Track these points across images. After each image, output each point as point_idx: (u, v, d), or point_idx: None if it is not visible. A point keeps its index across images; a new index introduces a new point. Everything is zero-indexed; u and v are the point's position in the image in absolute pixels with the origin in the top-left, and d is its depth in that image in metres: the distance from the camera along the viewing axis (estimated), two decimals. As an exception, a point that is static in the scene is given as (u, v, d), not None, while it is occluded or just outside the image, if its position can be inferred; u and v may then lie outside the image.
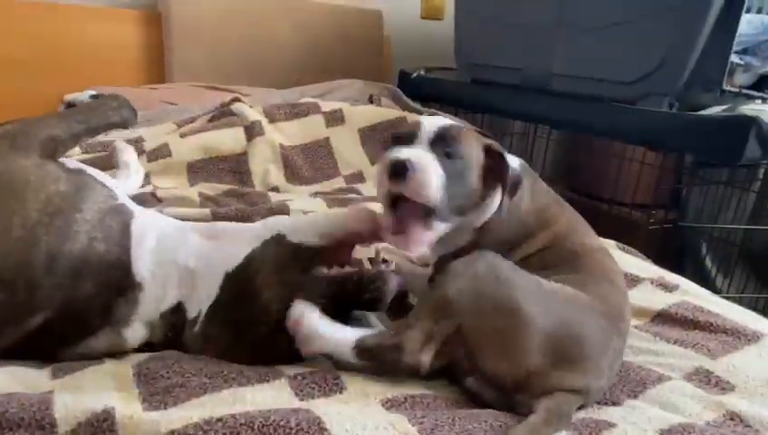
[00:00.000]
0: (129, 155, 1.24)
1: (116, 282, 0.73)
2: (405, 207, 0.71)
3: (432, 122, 0.74)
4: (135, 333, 0.75)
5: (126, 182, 1.17)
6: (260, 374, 0.69)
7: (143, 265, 0.75)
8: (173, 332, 0.75)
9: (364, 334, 0.68)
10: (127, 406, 0.62)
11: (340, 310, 0.73)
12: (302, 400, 0.65)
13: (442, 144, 0.71)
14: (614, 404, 0.70)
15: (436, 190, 0.69)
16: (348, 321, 0.73)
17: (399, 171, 0.68)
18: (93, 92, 1.04)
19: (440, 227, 0.72)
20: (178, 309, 0.75)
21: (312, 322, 0.68)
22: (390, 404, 0.67)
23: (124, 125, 0.96)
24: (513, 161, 0.79)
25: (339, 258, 0.77)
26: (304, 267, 0.73)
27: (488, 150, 0.75)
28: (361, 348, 0.68)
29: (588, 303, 0.69)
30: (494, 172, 0.74)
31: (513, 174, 0.74)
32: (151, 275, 0.75)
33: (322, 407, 0.62)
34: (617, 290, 0.75)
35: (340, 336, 0.68)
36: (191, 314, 0.75)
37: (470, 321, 0.66)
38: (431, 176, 0.68)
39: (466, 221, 0.76)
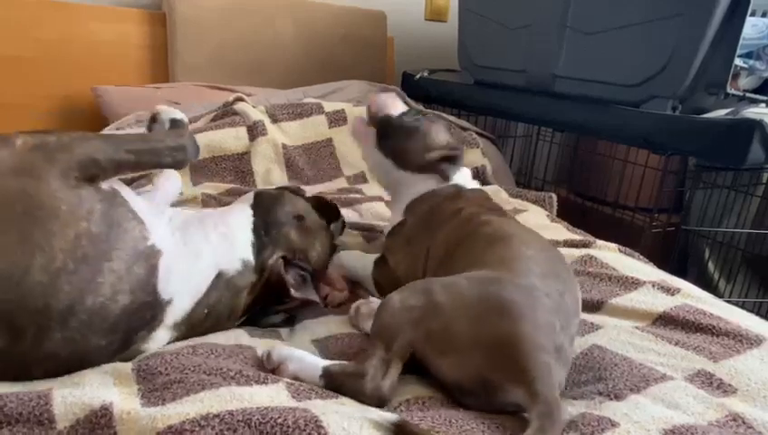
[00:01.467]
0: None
1: (137, 323, 0.72)
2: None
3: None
4: (156, 342, 0.75)
5: (165, 186, 1.13)
6: (259, 376, 0.69)
7: (171, 286, 0.75)
8: (216, 302, 0.80)
9: (331, 363, 0.72)
10: (125, 402, 0.62)
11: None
12: (300, 401, 0.65)
13: (416, 112, 1.09)
14: (617, 397, 0.69)
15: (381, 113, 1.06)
16: None
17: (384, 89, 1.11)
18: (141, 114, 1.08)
19: (371, 137, 1.07)
20: (219, 277, 0.81)
21: (288, 349, 0.75)
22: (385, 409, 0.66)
23: (175, 167, 0.88)
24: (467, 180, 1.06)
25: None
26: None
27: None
28: (328, 374, 0.70)
29: (493, 274, 0.73)
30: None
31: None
32: (182, 285, 0.77)
33: (320, 407, 0.62)
34: (514, 243, 0.81)
35: (310, 360, 0.73)
36: (231, 272, 0.82)
37: (412, 333, 0.69)
38: (390, 103, 1.07)
39: (398, 193, 1.06)
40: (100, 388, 0.65)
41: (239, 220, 0.90)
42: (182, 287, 0.77)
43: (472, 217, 0.92)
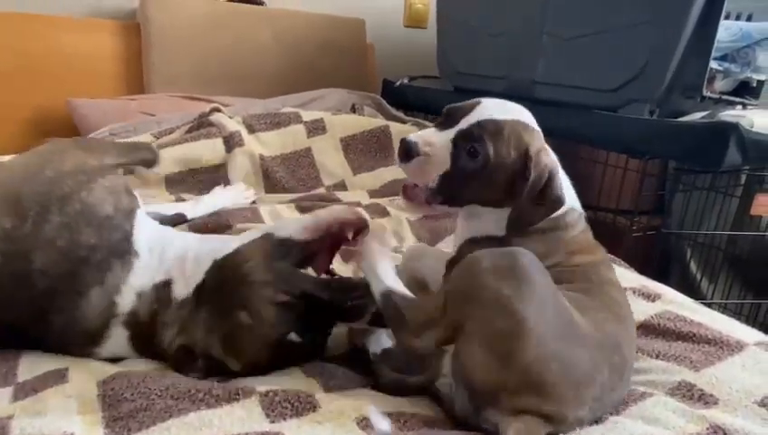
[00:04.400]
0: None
1: (116, 243, 0.79)
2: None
3: (480, 113, 0.75)
4: (125, 300, 0.77)
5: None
6: (229, 393, 0.67)
7: (142, 238, 0.82)
8: (159, 306, 0.78)
9: (398, 289, 0.71)
10: (88, 432, 0.59)
11: (320, 315, 0.76)
12: (273, 422, 0.63)
13: (470, 138, 0.73)
14: (596, 422, 0.68)
15: (431, 180, 0.74)
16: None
17: (406, 152, 0.74)
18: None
19: (440, 208, 0.78)
20: (167, 285, 0.79)
21: (379, 251, 0.74)
22: (366, 423, 0.65)
23: (151, 164, 1.11)
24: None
25: (324, 265, 0.83)
26: (293, 262, 0.78)
27: (526, 156, 0.74)
28: (387, 297, 0.70)
29: (584, 328, 0.65)
30: (526, 180, 0.73)
31: (555, 194, 0.74)
32: (148, 248, 0.81)
33: (294, 429, 0.60)
34: (617, 321, 0.71)
35: (386, 271, 0.72)
36: (178, 294, 0.78)
37: (475, 310, 0.63)
38: (430, 166, 0.74)
39: (486, 212, 0.78)
40: (63, 416, 0.63)
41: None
42: (146, 245, 0.82)
43: (599, 264, 0.77)
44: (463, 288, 0.65)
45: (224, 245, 0.81)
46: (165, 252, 0.82)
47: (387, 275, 0.72)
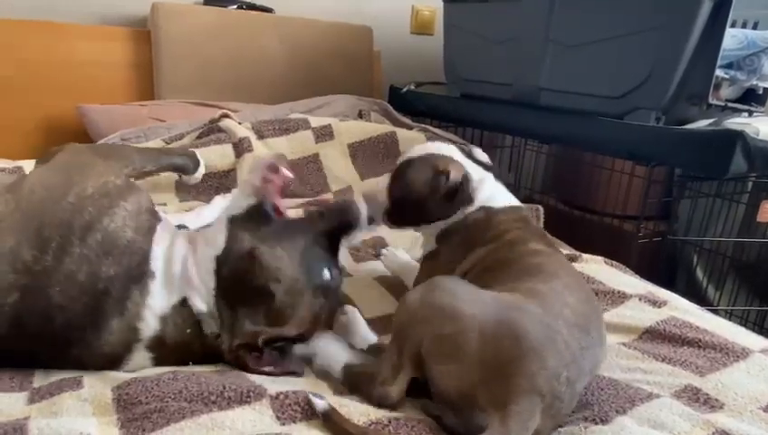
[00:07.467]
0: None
1: (135, 268, 0.79)
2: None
3: (404, 157, 1.03)
4: (148, 325, 0.78)
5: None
6: (241, 395, 0.68)
7: (159, 255, 0.83)
8: (191, 328, 0.79)
9: (354, 360, 0.78)
10: (103, 432, 0.61)
11: (327, 242, 0.86)
12: (284, 424, 0.64)
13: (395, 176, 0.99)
14: (602, 421, 0.69)
15: (373, 214, 0.93)
16: None
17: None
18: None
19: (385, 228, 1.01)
20: (184, 303, 0.80)
21: (327, 344, 0.81)
22: (374, 427, 0.66)
23: (186, 170, 1.15)
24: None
25: (281, 206, 0.89)
26: (267, 219, 0.85)
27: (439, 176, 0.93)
28: (348, 368, 0.77)
29: (522, 301, 0.71)
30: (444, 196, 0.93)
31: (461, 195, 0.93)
32: (164, 262, 0.82)
33: (304, 432, 0.61)
34: (546, 280, 0.76)
35: (337, 353, 0.80)
36: (201, 306, 0.80)
37: (423, 329, 0.70)
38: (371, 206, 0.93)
39: (425, 229, 0.99)
40: (78, 418, 0.64)
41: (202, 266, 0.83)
42: (162, 263, 0.82)
43: (517, 242, 0.87)
44: (402, 322, 0.73)
45: (208, 242, 0.84)
46: (174, 266, 0.82)
47: (340, 356, 0.80)
